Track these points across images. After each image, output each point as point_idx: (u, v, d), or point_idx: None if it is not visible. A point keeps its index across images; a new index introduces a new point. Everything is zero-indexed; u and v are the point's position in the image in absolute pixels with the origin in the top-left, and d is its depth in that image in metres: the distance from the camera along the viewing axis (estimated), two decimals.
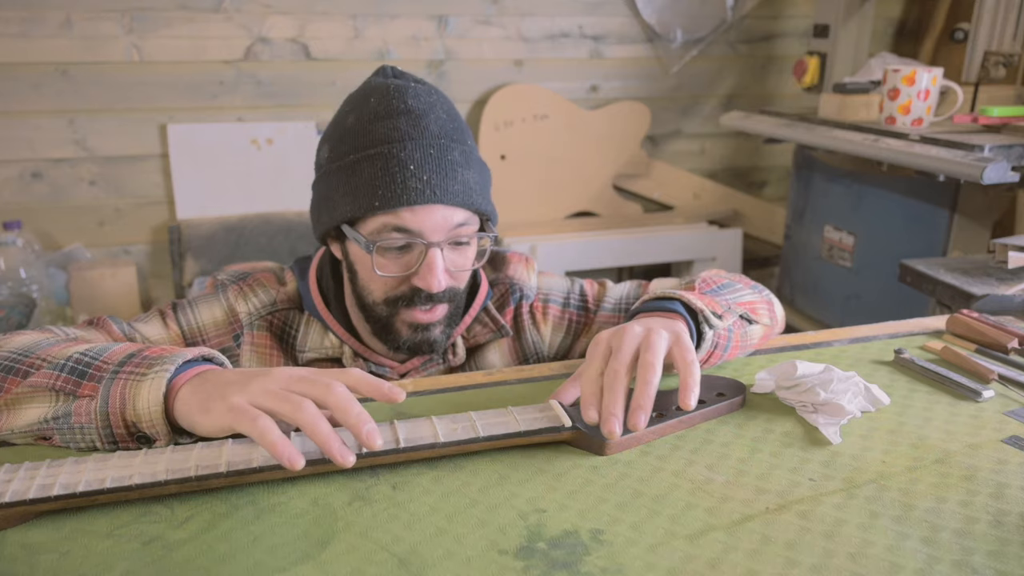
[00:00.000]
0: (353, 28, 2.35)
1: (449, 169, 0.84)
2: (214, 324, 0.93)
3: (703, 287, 0.89)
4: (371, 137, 0.84)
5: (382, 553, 0.56)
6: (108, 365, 0.68)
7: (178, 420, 0.66)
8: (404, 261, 0.86)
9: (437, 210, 0.84)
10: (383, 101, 0.86)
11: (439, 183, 0.83)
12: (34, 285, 2.10)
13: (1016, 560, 0.55)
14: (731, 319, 0.84)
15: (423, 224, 0.83)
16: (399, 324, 0.89)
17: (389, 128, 0.84)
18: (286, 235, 2.32)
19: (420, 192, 0.82)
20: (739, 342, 0.87)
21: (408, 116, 0.84)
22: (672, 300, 0.83)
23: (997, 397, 0.81)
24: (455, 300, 0.90)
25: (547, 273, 1.06)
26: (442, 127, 0.86)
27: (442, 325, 0.90)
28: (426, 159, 0.83)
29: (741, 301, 0.89)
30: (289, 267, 0.99)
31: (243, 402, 0.62)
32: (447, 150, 0.85)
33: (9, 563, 0.55)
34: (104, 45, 2.16)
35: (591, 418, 0.69)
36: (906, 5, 2.84)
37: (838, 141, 2.01)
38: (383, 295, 0.88)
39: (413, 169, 0.82)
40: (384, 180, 0.82)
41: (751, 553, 0.56)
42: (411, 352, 0.91)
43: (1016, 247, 1.32)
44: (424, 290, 0.85)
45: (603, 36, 2.62)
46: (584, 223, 2.68)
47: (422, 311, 0.88)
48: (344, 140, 0.86)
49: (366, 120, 0.85)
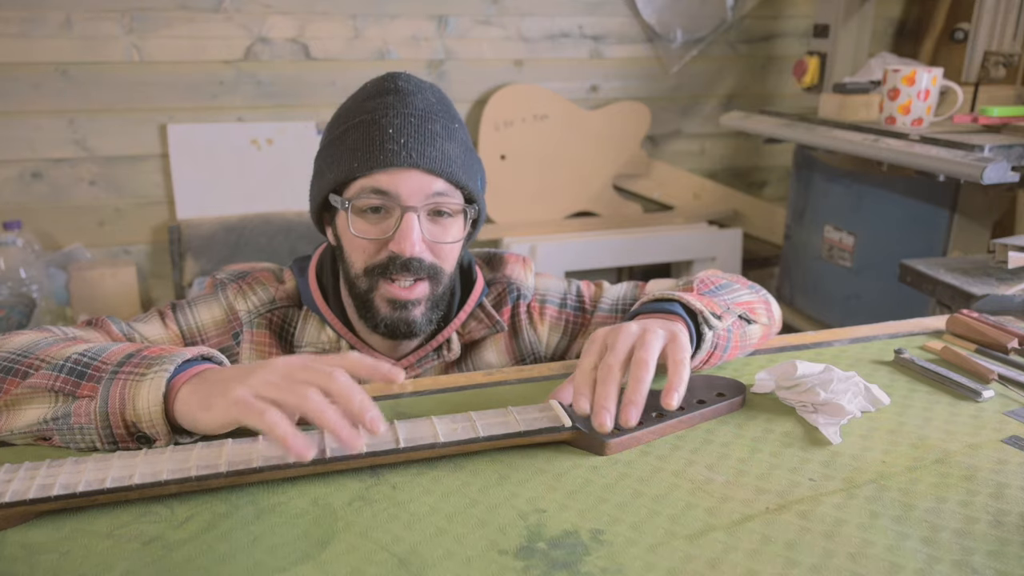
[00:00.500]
0: (353, 28, 2.35)
1: (428, 137, 0.87)
2: (214, 323, 0.93)
3: (701, 288, 0.89)
4: (359, 111, 0.89)
5: (382, 553, 0.56)
6: (107, 365, 0.68)
7: (179, 420, 0.66)
8: (381, 227, 0.87)
9: (414, 175, 0.85)
10: (376, 84, 0.91)
11: (416, 147, 0.85)
12: (34, 285, 2.10)
13: (1016, 560, 0.55)
14: (730, 319, 0.84)
15: (399, 187, 0.85)
16: (378, 300, 0.89)
17: (376, 103, 0.88)
18: (286, 235, 2.32)
19: (396, 154, 0.84)
20: (739, 342, 0.87)
21: (396, 93, 0.89)
22: (671, 301, 0.84)
23: (997, 397, 0.81)
24: (437, 279, 0.90)
25: (544, 274, 1.06)
26: (429, 106, 0.89)
27: (422, 307, 0.89)
28: (406, 125, 0.86)
29: (739, 301, 0.89)
30: (288, 267, 0.99)
31: (247, 395, 0.62)
32: (429, 121, 0.88)
33: (9, 563, 0.55)
34: (104, 45, 2.16)
35: (582, 408, 0.70)
36: (906, 5, 2.84)
37: (838, 141, 2.01)
38: (363, 264, 0.88)
39: (392, 132, 0.85)
40: (364, 144, 0.86)
41: (751, 553, 0.56)
42: (390, 333, 0.90)
43: (1016, 247, 1.32)
44: (399, 255, 0.86)
45: (603, 36, 2.62)
46: (584, 223, 2.68)
47: (400, 287, 0.87)
48: (338, 118, 0.92)
49: (359, 100, 0.91)
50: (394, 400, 0.80)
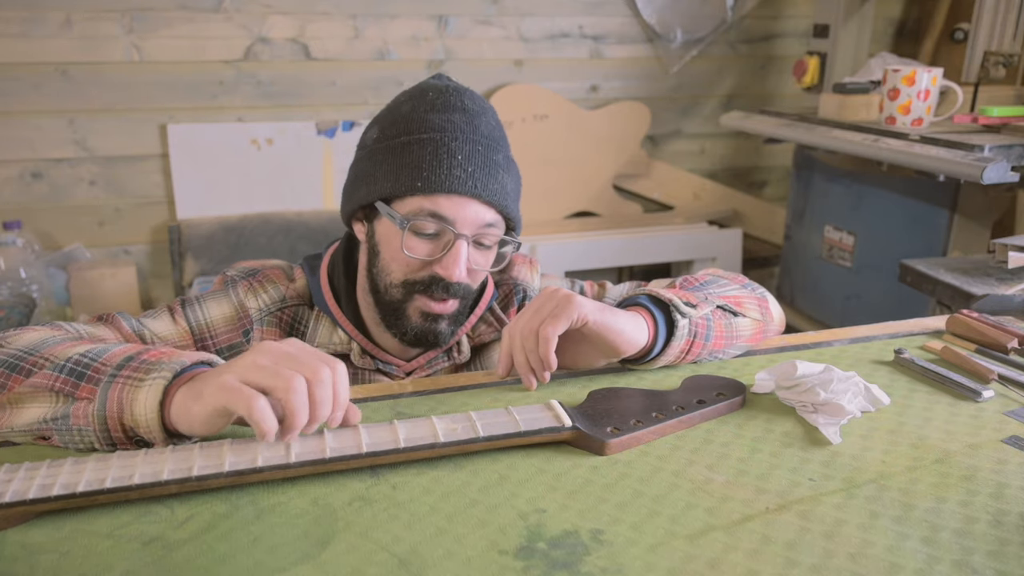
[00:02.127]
0: (353, 28, 2.35)
1: (492, 168, 0.88)
2: (223, 320, 0.93)
3: (685, 285, 0.93)
4: (426, 124, 0.88)
5: (382, 553, 0.56)
6: (106, 368, 0.68)
7: (174, 422, 0.66)
8: (430, 247, 0.88)
9: (472, 203, 0.86)
10: (442, 96, 0.90)
11: (481, 178, 0.86)
12: (34, 285, 2.10)
13: (1016, 560, 0.55)
14: (707, 308, 0.86)
15: (457, 214, 0.86)
16: (411, 310, 0.90)
17: (444, 120, 0.88)
18: (286, 235, 2.32)
19: (463, 182, 0.85)
20: (723, 331, 0.88)
21: (464, 113, 0.89)
22: (640, 295, 0.86)
23: (997, 397, 0.81)
24: (466, 298, 0.92)
25: (550, 275, 1.08)
26: (492, 131, 0.90)
27: (449, 320, 0.91)
28: (474, 153, 0.87)
29: (723, 294, 0.91)
30: (299, 264, 0.99)
31: (234, 380, 0.62)
32: (493, 151, 0.89)
33: (9, 563, 0.55)
34: (104, 45, 2.16)
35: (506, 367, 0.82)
36: (906, 5, 2.84)
37: (838, 141, 2.01)
38: (403, 277, 0.89)
39: (460, 159, 0.86)
40: (431, 164, 0.85)
41: (751, 553, 0.56)
42: (416, 341, 0.92)
43: (1016, 247, 1.32)
44: (443, 279, 0.87)
45: (603, 36, 2.62)
46: (584, 223, 2.68)
47: (436, 301, 0.89)
48: (397, 123, 0.89)
49: (423, 110, 0.89)
50: (394, 400, 0.80)
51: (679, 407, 0.75)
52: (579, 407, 0.74)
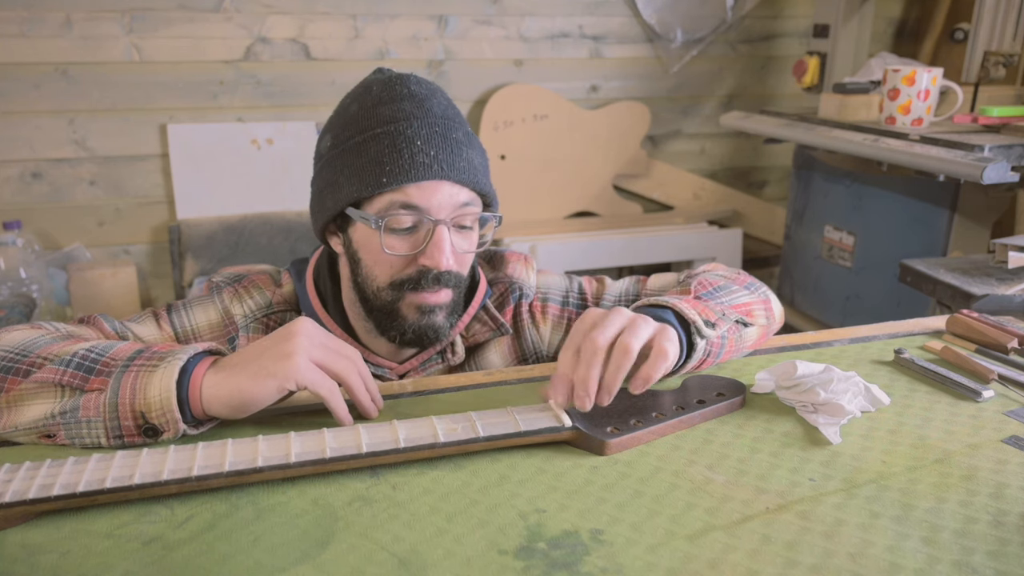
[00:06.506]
0: (353, 28, 2.35)
1: (455, 146, 0.85)
2: (209, 326, 0.92)
3: (699, 290, 0.88)
4: (376, 119, 0.85)
5: (382, 553, 0.56)
6: (116, 361, 0.69)
7: (211, 406, 0.68)
8: (411, 241, 0.86)
9: (443, 186, 0.84)
10: (386, 88, 0.87)
11: (445, 159, 0.84)
12: (34, 285, 2.10)
13: (1016, 560, 0.55)
14: (725, 326, 0.83)
15: (430, 200, 0.84)
16: (405, 308, 0.87)
17: (394, 110, 0.85)
18: (286, 235, 2.32)
19: (427, 167, 0.83)
20: (733, 346, 0.86)
21: (412, 99, 0.86)
22: (664, 308, 0.81)
23: (997, 397, 0.81)
24: (459, 286, 0.90)
25: (546, 272, 1.05)
26: (445, 110, 0.88)
27: (446, 311, 0.89)
28: (432, 135, 0.84)
29: (736, 304, 0.88)
30: (286, 269, 0.98)
31: (308, 362, 0.69)
32: (451, 130, 0.86)
33: (9, 563, 0.55)
34: (104, 45, 2.16)
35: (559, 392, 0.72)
36: (906, 5, 2.84)
37: (838, 141, 2.01)
38: (389, 279, 0.87)
39: (420, 144, 0.83)
40: (391, 156, 0.83)
41: (751, 553, 0.56)
42: (414, 340, 0.89)
43: (1016, 247, 1.32)
44: (431, 269, 0.85)
45: (603, 36, 2.62)
46: (584, 223, 2.68)
47: (428, 294, 0.86)
48: (348, 125, 0.87)
49: (370, 105, 0.86)
50: (394, 400, 0.80)
51: (679, 407, 0.75)
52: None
